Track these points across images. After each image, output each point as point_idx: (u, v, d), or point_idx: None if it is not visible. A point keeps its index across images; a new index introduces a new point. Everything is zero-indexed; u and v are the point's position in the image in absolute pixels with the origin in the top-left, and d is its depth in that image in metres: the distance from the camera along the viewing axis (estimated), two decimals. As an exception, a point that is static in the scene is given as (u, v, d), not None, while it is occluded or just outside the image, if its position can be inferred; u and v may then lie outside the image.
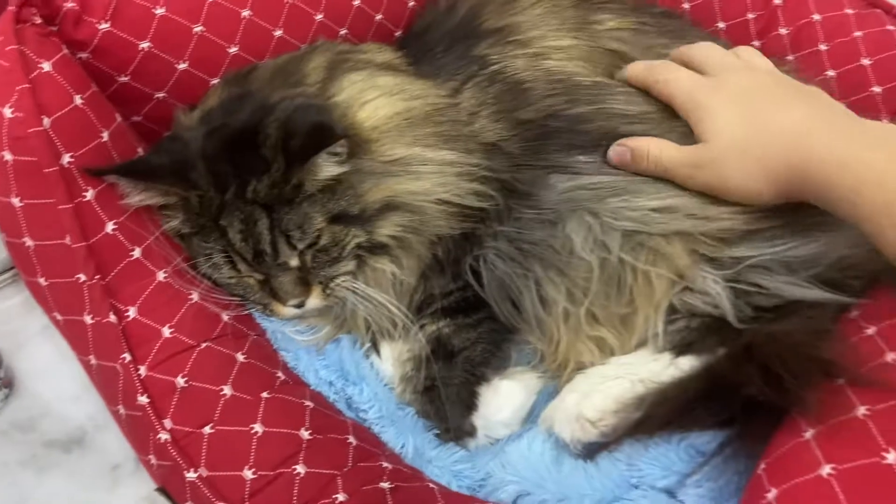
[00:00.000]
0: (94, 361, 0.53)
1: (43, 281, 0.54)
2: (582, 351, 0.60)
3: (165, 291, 0.54)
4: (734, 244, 0.56)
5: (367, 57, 0.65)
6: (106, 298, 0.52)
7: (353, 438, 0.54)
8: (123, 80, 0.61)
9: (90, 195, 0.53)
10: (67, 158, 0.52)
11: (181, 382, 0.51)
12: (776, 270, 0.55)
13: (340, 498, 0.49)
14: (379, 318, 0.61)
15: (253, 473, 0.49)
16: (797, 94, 0.56)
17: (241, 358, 0.54)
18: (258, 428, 0.51)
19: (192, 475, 0.49)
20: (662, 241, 0.57)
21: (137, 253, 0.54)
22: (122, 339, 0.51)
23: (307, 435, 0.52)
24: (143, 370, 0.51)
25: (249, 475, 0.49)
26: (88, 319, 0.52)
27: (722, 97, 0.56)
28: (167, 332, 0.53)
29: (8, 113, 0.51)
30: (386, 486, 0.51)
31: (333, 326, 0.63)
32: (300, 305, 0.58)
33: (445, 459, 0.59)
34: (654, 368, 0.57)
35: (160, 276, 0.54)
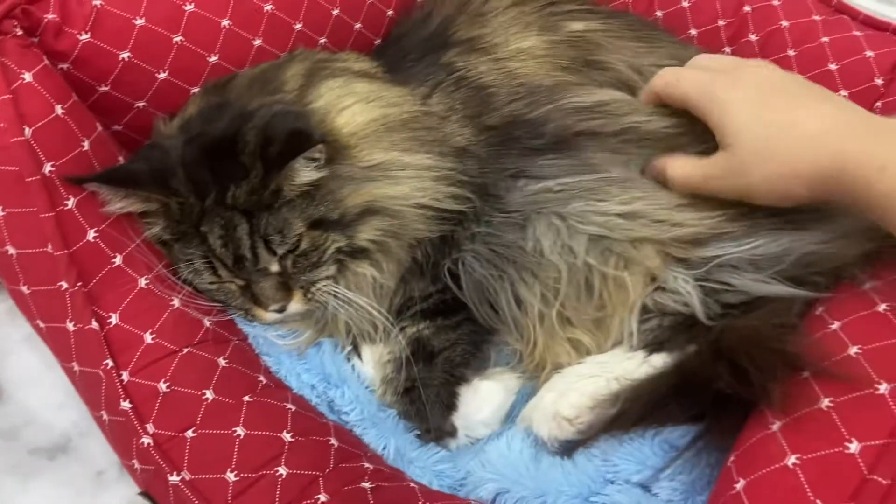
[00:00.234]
0: (76, 368, 0.54)
1: (26, 289, 0.54)
2: (559, 352, 0.60)
3: (147, 298, 0.55)
4: (703, 245, 0.57)
5: (344, 65, 0.66)
6: (88, 305, 0.52)
7: (334, 440, 0.55)
8: (104, 89, 0.62)
9: (71, 203, 0.54)
10: (49, 167, 0.53)
11: (163, 387, 0.51)
12: (743, 268, 0.56)
13: (322, 498, 0.49)
14: (360, 321, 0.61)
15: (235, 476, 0.49)
16: (814, 92, 0.54)
17: (222, 362, 0.55)
18: (240, 431, 0.51)
19: (174, 479, 0.49)
20: (629, 246, 0.57)
21: (119, 260, 0.55)
22: (104, 345, 0.52)
23: (289, 437, 0.52)
24: (125, 376, 0.51)
25: (232, 477, 0.49)
26: (71, 326, 0.53)
27: (739, 93, 0.53)
28: (149, 337, 0.53)
29: (-10, 123, 0.51)
30: (367, 486, 0.52)
31: (315, 330, 0.63)
32: (281, 310, 0.58)
33: (427, 459, 0.59)
34: (628, 366, 0.58)
35: (142, 282, 0.55)
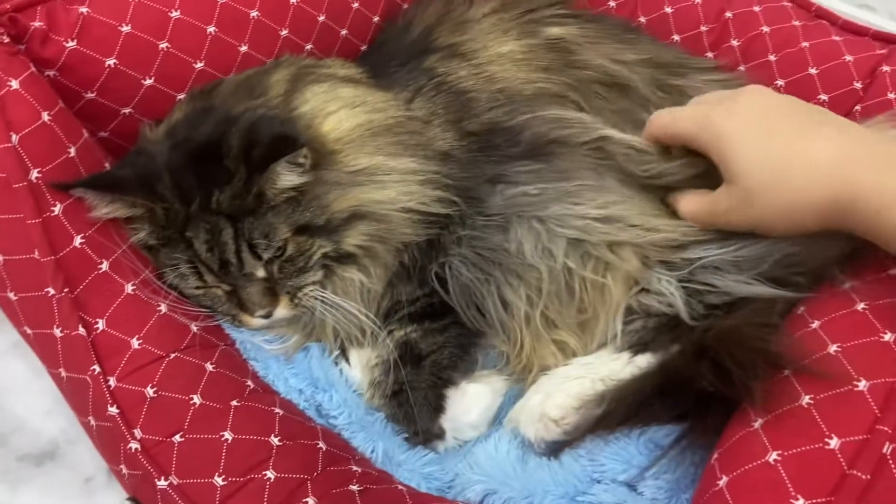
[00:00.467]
0: (64, 374, 0.54)
1: (12, 295, 0.54)
2: (545, 354, 0.61)
3: (134, 303, 0.55)
4: (684, 248, 0.58)
5: (329, 71, 0.66)
6: (75, 311, 0.52)
7: (322, 444, 0.55)
8: (90, 96, 0.62)
9: (58, 209, 0.54)
10: (35, 174, 0.53)
11: (151, 393, 0.52)
12: (726, 270, 0.57)
13: (310, 502, 0.49)
14: (347, 325, 0.61)
15: (223, 480, 0.49)
16: (813, 116, 0.53)
17: (210, 368, 0.55)
18: (228, 435, 0.51)
19: (162, 483, 0.49)
20: (607, 250, 0.58)
21: (105, 266, 0.55)
22: (91, 351, 0.52)
23: (277, 441, 0.52)
24: (112, 381, 0.51)
25: (220, 482, 0.49)
26: (58, 332, 0.53)
27: (738, 121, 0.53)
28: (136, 343, 0.53)
29: (-24, 131, 0.51)
30: (355, 488, 0.52)
31: (302, 335, 0.64)
32: (268, 316, 0.58)
33: (415, 462, 0.60)
34: (613, 367, 0.58)
35: (128, 288, 0.55)
